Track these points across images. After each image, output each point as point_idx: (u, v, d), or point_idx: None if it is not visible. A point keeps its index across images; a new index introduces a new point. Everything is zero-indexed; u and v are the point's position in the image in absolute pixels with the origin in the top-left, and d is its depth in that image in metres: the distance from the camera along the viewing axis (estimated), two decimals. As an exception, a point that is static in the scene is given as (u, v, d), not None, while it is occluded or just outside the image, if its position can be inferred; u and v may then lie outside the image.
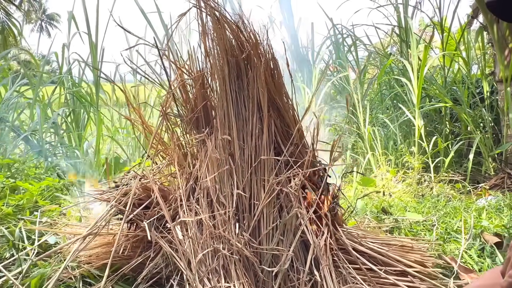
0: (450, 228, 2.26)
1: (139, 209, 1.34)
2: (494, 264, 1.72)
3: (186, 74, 1.41)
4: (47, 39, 36.75)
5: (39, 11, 34.23)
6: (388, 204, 2.96)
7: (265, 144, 1.37)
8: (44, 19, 36.37)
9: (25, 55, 10.64)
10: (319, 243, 1.37)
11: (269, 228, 1.32)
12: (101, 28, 4.61)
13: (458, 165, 4.47)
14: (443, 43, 5.03)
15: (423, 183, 3.86)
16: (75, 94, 4.58)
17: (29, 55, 5.84)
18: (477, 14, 4.71)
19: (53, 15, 37.19)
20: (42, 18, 35.89)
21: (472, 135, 4.31)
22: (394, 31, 5.54)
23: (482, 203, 2.89)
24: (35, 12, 32.44)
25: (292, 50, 5.84)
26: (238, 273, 1.24)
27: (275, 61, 1.40)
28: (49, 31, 36.95)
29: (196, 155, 1.45)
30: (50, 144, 4.32)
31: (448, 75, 5.21)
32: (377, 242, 1.70)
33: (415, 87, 4.18)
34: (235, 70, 1.40)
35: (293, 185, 1.28)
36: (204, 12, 1.40)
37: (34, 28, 34.94)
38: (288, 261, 1.27)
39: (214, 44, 1.41)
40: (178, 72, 1.40)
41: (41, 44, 52.76)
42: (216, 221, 1.31)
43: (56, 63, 5.01)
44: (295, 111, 1.45)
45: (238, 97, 1.40)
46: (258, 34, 1.37)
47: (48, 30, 36.94)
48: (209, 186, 1.34)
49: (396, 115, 4.89)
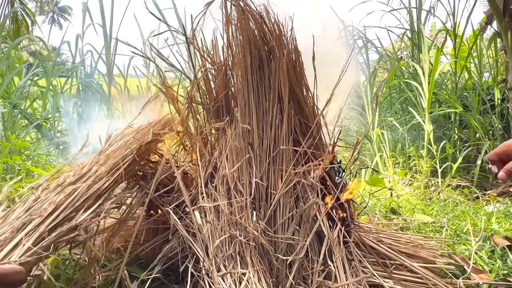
0: (460, 230, 2.27)
1: (161, 192, 1.36)
2: (505, 266, 1.73)
3: (210, 64, 1.43)
4: (58, 32, 37.01)
5: (51, 3, 34.49)
6: (397, 205, 2.97)
7: (284, 135, 1.38)
8: (56, 11, 36.62)
9: (35, 46, 10.71)
10: (332, 234, 1.39)
11: (285, 217, 1.34)
12: (115, 21, 4.66)
13: (466, 172, 4.46)
14: (455, 49, 5.02)
15: (430, 187, 3.86)
16: (88, 84, 4.62)
17: (42, 45, 5.90)
18: (491, 21, 4.70)
19: (65, 7, 37.44)
20: (54, 10, 36.14)
21: (481, 142, 4.30)
22: (406, 35, 5.54)
23: (491, 209, 2.89)
24: (47, 4, 32.68)
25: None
26: (254, 260, 1.25)
27: (298, 52, 1.41)
28: (61, 23, 37.21)
29: (215, 143, 1.47)
30: (61, 133, 4.36)
31: (459, 81, 5.20)
32: (389, 238, 1.71)
33: (425, 91, 4.18)
34: (257, 60, 1.41)
35: (313, 176, 1.29)
36: (228, 1, 1.42)
37: (46, 20, 35.19)
38: (303, 251, 1.29)
39: (238, 34, 1.42)
40: (202, 61, 1.42)
41: (52, 36, 53.10)
42: (233, 208, 1.33)
43: (66, 56, 5.08)
44: (315, 104, 1.47)
45: (259, 87, 1.42)
46: (282, 24, 1.38)
47: (59, 22, 37.19)
48: (228, 174, 1.36)
49: (405, 119, 4.89)
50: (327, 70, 1.44)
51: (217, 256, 1.25)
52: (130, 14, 4.80)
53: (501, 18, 4.32)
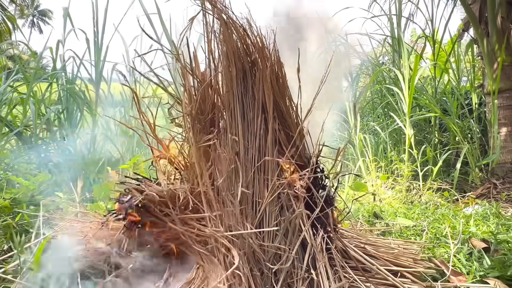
0: (439, 234, 2.33)
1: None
2: (481, 267, 1.79)
3: (197, 79, 1.45)
4: (38, 36, 36.32)
5: (31, 7, 33.84)
6: (380, 209, 3.03)
7: (269, 145, 1.41)
8: (36, 15, 35.94)
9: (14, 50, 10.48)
10: (316, 242, 1.42)
11: (271, 225, 1.36)
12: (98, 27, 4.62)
13: (446, 174, 4.59)
14: (434, 55, 5.17)
15: (412, 191, 3.95)
16: (69, 91, 4.56)
17: (22, 49, 5.79)
18: (468, 28, 4.85)
19: (45, 11, 36.77)
20: (34, 14, 35.47)
21: (460, 145, 4.43)
22: (387, 41, 5.67)
23: (470, 211, 2.98)
24: (27, 7, 32.06)
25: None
26: (246, 269, 1.28)
27: (280, 64, 1.45)
28: (41, 27, 36.54)
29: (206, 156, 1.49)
30: (43, 140, 4.29)
31: (438, 86, 5.35)
32: (371, 244, 1.75)
33: (406, 96, 4.28)
34: (241, 72, 1.44)
35: (298, 187, 1.32)
36: (211, 15, 1.44)
37: (26, 24, 34.50)
38: (289, 260, 1.31)
39: (222, 47, 1.45)
40: (191, 76, 1.44)
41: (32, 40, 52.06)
42: (228, 216, 1.35)
43: (46, 60, 5.02)
44: (298, 115, 1.50)
45: (244, 98, 1.44)
46: (265, 37, 1.42)
47: (39, 26, 36.51)
48: (219, 185, 1.38)
49: (386, 123, 5.00)
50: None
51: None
52: (112, 20, 4.76)
53: (477, 26, 4.48)
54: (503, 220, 2.60)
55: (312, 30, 2.41)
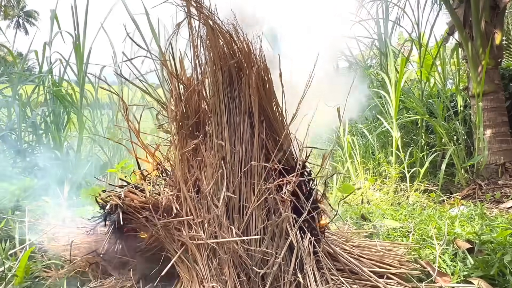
0: (426, 235, 2.36)
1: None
2: (465, 268, 1.83)
3: (184, 85, 1.45)
4: (24, 37, 35.78)
5: (17, 7, 33.35)
6: (367, 211, 3.06)
7: (256, 149, 1.42)
8: (22, 16, 35.41)
9: (0, 52, 10.31)
10: (303, 245, 1.43)
11: (258, 229, 1.37)
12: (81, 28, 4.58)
13: (433, 175, 4.65)
14: (420, 58, 5.24)
15: (399, 192, 4.00)
16: (56, 93, 4.50)
17: (7, 51, 5.71)
18: (453, 32, 4.93)
19: (31, 12, 36.25)
20: (20, 15, 34.94)
21: (446, 147, 4.50)
22: (374, 44, 5.73)
23: (455, 212, 3.03)
24: (13, 8, 31.59)
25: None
26: (231, 272, 1.28)
27: (267, 70, 1.46)
28: (27, 28, 36.02)
29: (192, 161, 1.49)
30: (28, 144, 4.22)
31: (425, 88, 5.43)
32: (358, 246, 1.77)
33: (392, 99, 4.34)
34: (227, 77, 1.45)
35: (285, 192, 1.33)
36: (197, 20, 1.45)
37: (11, 25, 33.97)
38: (276, 264, 1.32)
39: (208, 52, 1.45)
40: (178, 82, 1.44)
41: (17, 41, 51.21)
42: (213, 222, 1.35)
43: (32, 61, 4.95)
44: (284, 119, 1.51)
45: (230, 102, 1.45)
46: (251, 43, 1.42)
47: (25, 27, 35.98)
48: (205, 190, 1.39)
49: (374, 125, 5.05)
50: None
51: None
52: (99, 22, 4.72)
53: (462, 29, 4.56)
54: (487, 221, 2.65)
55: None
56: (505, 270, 1.74)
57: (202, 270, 1.29)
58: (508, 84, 5.21)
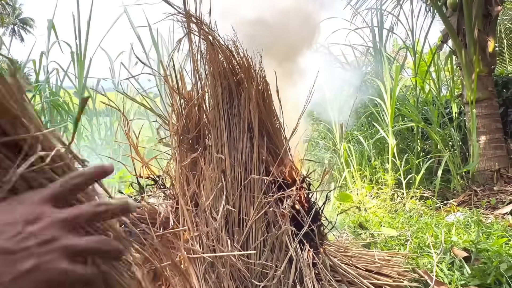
0: (423, 243, 2.39)
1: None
2: (463, 277, 1.85)
3: (183, 99, 1.47)
4: (19, 44, 35.73)
5: (13, 15, 33.34)
6: (365, 219, 3.08)
7: (255, 163, 1.44)
8: (18, 23, 35.38)
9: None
10: (302, 257, 1.45)
11: (257, 242, 1.39)
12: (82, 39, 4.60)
13: (429, 182, 4.69)
14: (415, 65, 5.30)
15: (396, 199, 4.03)
16: (53, 103, 4.51)
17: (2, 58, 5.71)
18: (446, 39, 5.00)
19: (26, 19, 36.23)
20: (15, 22, 34.91)
21: (442, 153, 4.54)
22: (369, 52, 5.79)
23: (451, 219, 3.06)
24: (8, 16, 31.58)
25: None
26: (230, 285, 1.29)
27: (266, 84, 1.48)
28: (22, 35, 35.96)
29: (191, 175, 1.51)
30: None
31: (420, 95, 5.48)
32: (356, 256, 1.79)
33: (388, 106, 4.38)
34: (227, 91, 1.47)
35: (285, 206, 1.36)
36: (197, 36, 1.47)
37: (6, 32, 33.90)
38: (276, 277, 1.34)
39: (208, 67, 1.48)
40: (179, 97, 1.46)
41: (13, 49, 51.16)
42: (211, 235, 1.37)
43: (28, 69, 4.94)
44: (283, 133, 1.54)
45: (230, 116, 1.47)
46: (251, 58, 1.45)
47: (21, 34, 35.94)
48: (204, 203, 1.40)
49: (370, 132, 5.09)
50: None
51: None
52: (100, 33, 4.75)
53: (455, 37, 4.62)
54: (483, 228, 2.68)
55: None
56: (502, 278, 1.77)
57: (198, 285, 1.30)
58: (501, 91, 5.29)
